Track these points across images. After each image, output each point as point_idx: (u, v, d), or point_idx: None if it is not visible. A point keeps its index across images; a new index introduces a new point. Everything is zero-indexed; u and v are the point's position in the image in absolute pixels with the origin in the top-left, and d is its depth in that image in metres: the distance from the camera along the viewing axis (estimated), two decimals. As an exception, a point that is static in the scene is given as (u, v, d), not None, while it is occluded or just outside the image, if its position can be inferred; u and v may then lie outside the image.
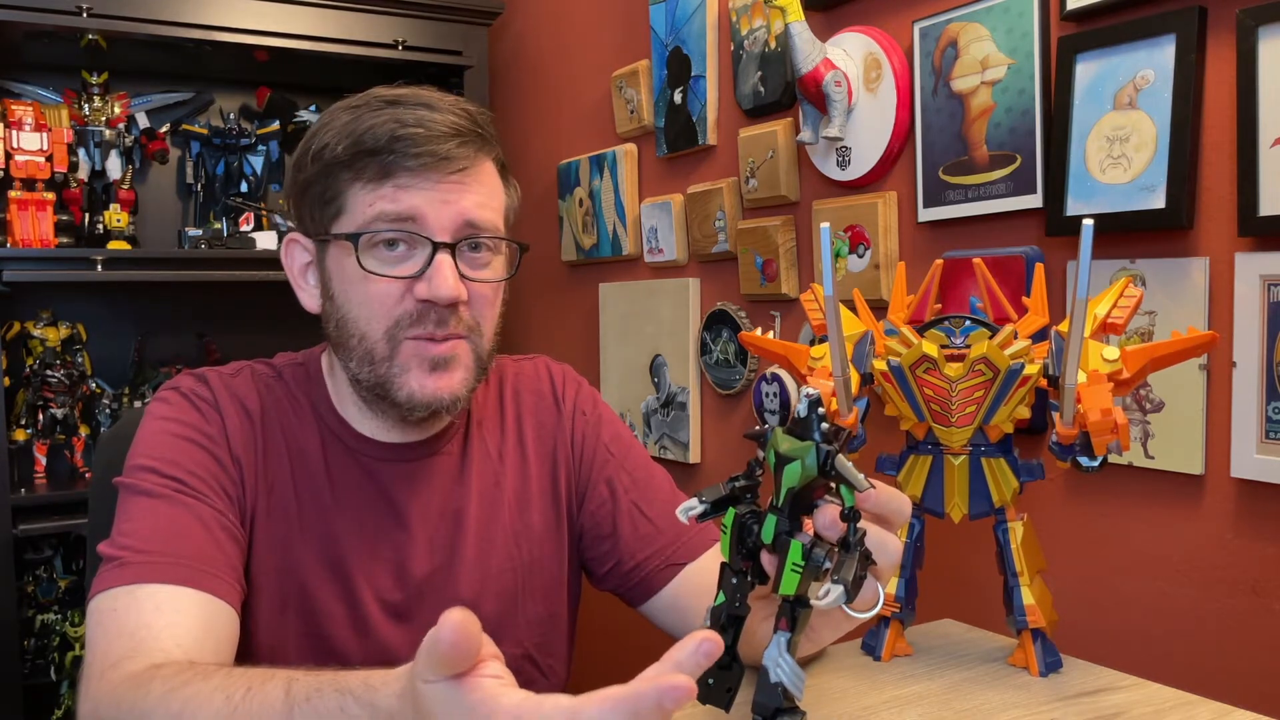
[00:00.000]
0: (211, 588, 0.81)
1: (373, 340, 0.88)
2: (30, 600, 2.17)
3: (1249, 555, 1.07)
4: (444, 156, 0.85)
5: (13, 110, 2.11)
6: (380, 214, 0.85)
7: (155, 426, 0.90)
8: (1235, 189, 1.05)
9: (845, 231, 1.51)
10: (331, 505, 0.94)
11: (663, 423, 1.97)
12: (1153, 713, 0.81)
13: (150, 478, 0.86)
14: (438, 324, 0.87)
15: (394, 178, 0.85)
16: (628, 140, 2.06)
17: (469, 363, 0.90)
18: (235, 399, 0.93)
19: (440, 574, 0.96)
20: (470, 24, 2.38)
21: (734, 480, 0.70)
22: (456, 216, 0.87)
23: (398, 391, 0.88)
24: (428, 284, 0.86)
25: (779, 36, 1.63)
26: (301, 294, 0.95)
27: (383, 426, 0.96)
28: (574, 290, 2.32)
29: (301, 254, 0.94)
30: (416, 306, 0.87)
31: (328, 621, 0.92)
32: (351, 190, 0.87)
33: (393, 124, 0.85)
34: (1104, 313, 0.87)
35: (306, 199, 0.90)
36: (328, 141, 0.88)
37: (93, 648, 0.77)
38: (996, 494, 0.91)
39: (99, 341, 2.32)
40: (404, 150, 0.85)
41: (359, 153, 0.86)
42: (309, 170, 0.89)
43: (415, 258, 0.87)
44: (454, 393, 0.89)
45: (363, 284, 0.87)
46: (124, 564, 0.80)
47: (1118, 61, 1.15)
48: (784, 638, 0.67)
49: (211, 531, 0.85)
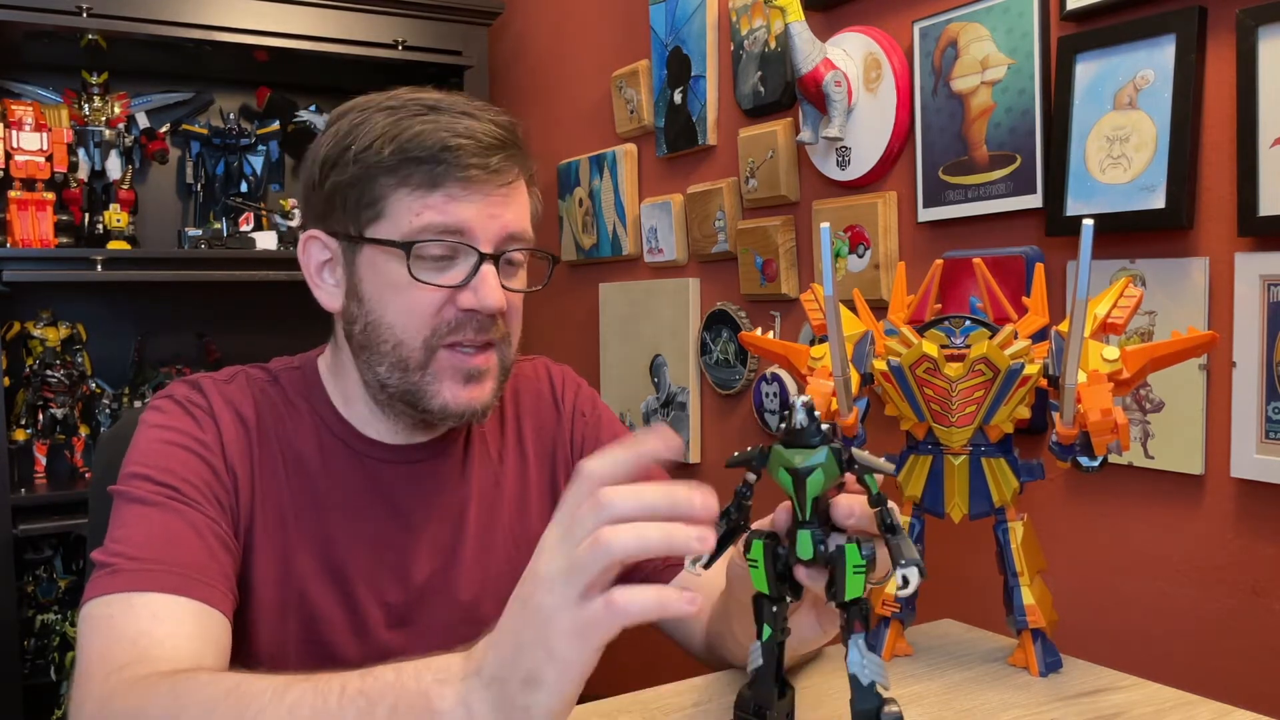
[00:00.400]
0: (205, 596, 0.81)
1: (410, 348, 0.88)
2: (30, 600, 2.17)
3: (1249, 555, 1.07)
4: (494, 170, 0.87)
5: (13, 110, 2.11)
6: (429, 224, 0.86)
7: (149, 434, 0.90)
8: (1235, 189, 1.05)
9: (845, 231, 1.50)
10: (330, 510, 0.93)
11: (663, 423, 1.97)
12: (1153, 713, 0.81)
13: (144, 485, 0.85)
14: (478, 331, 0.88)
15: (443, 188, 0.86)
16: (628, 140, 2.06)
17: (497, 373, 0.92)
18: (230, 406, 0.93)
19: (440, 576, 0.96)
20: (470, 24, 2.39)
21: (726, 514, 0.68)
22: (501, 229, 0.88)
23: (431, 400, 0.89)
24: (474, 294, 0.87)
25: (779, 36, 1.63)
26: (319, 291, 0.94)
27: (391, 429, 0.96)
28: (574, 290, 2.32)
29: (320, 251, 0.93)
30: (457, 315, 0.88)
31: (327, 628, 0.92)
32: (396, 196, 0.87)
33: (442, 133, 0.86)
34: (1104, 313, 0.87)
35: (340, 198, 0.89)
36: (369, 144, 0.87)
37: (88, 652, 0.76)
38: (996, 494, 0.91)
39: (99, 341, 2.32)
40: (454, 161, 0.85)
41: (406, 159, 0.86)
42: (349, 170, 0.88)
43: (459, 267, 0.87)
44: (485, 403, 0.91)
45: (407, 291, 0.87)
46: (117, 571, 0.80)
47: (1118, 61, 1.15)
48: (860, 639, 0.66)
49: (205, 539, 0.84)
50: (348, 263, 0.91)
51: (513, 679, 0.56)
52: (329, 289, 0.93)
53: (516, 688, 0.56)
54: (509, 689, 0.56)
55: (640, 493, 0.56)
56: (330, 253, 0.92)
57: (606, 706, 0.82)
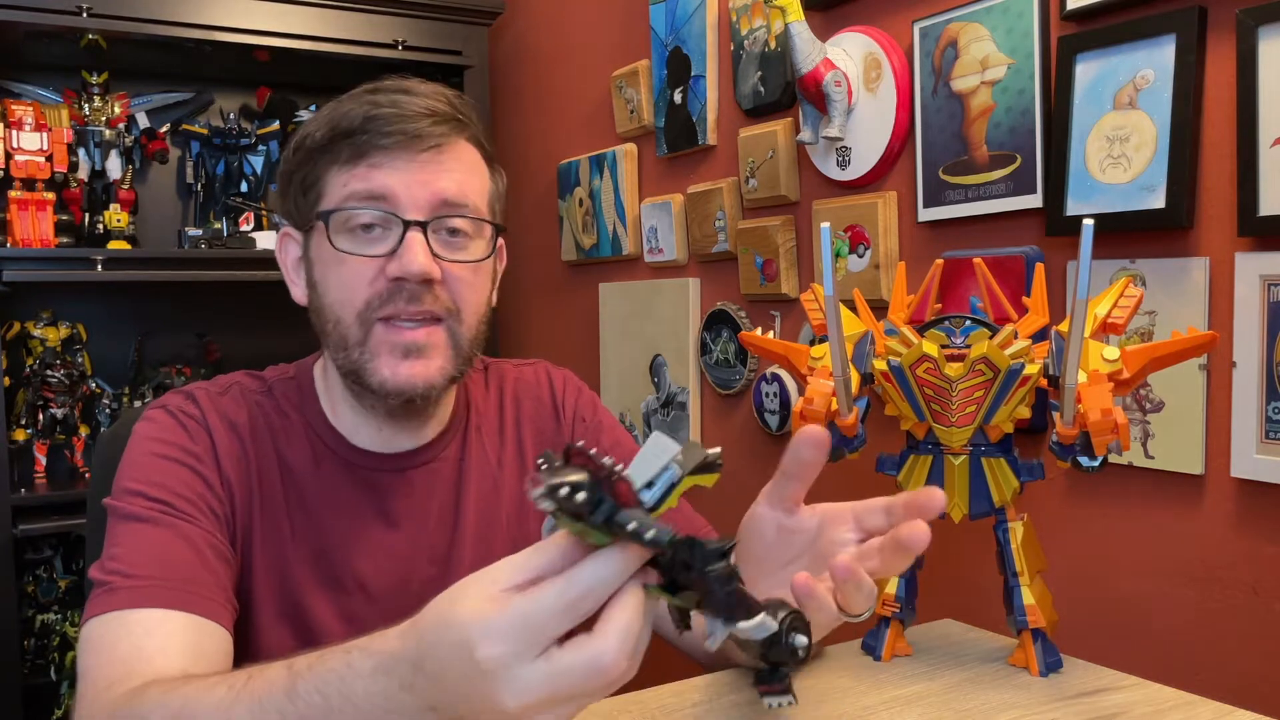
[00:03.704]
0: (201, 609, 0.80)
1: (346, 324, 0.87)
2: (30, 600, 2.17)
3: (1249, 555, 1.07)
4: (415, 134, 0.85)
5: (13, 110, 2.11)
6: (352, 193, 0.86)
7: (142, 448, 0.89)
8: (1235, 189, 1.05)
9: (845, 231, 1.50)
10: (326, 520, 0.93)
11: (663, 423, 1.97)
12: (1153, 713, 0.80)
13: (137, 501, 0.85)
14: (409, 300, 0.86)
15: (368, 157, 0.86)
16: (628, 140, 2.06)
17: (447, 351, 0.89)
18: (224, 417, 0.93)
19: (437, 584, 0.96)
20: (470, 24, 2.39)
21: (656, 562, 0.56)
22: (432, 196, 0.86)
23: (370, 377, 0.88)
24: (398, 261, 0.85)
25: (779, 36, 1.63)
26: (294, 288, 0.95)
27: (378, 434, 0.96)
28: (574, 290, 2.32)
29: (293, 248, 0.95)
30: (388, 286, 0.86)
31: (325, 637, 0.92)
32: (329, 174, 0.88)
33: (367, 106, 0.86)
34: (1104, 313, 0.87)
35: (291, 189, 0.92)
36: (309, 131, 0.89)
37: (85, 675, 0.76)
38: (997, 494, 0.91)
39: (99, 341, 2.32)
40: (376, 129, 0.85)
41: (335, 136, 0.87)
42: (292, 161, 0.91)
43: (389, 238, 0.86)
44: (429, 380, 0.88)
45: (337, 266, 0.87)
46: (113, 589, 0.79)
47: (1118, 61, 1.15)
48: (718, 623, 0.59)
49: (200, 552, 0.84)
50: (305, 251, 0.92)
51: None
52: (298, 283, 0.94)
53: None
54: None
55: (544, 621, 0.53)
56: (299, 247, 0.94)
57: (606, 706, 0.82)
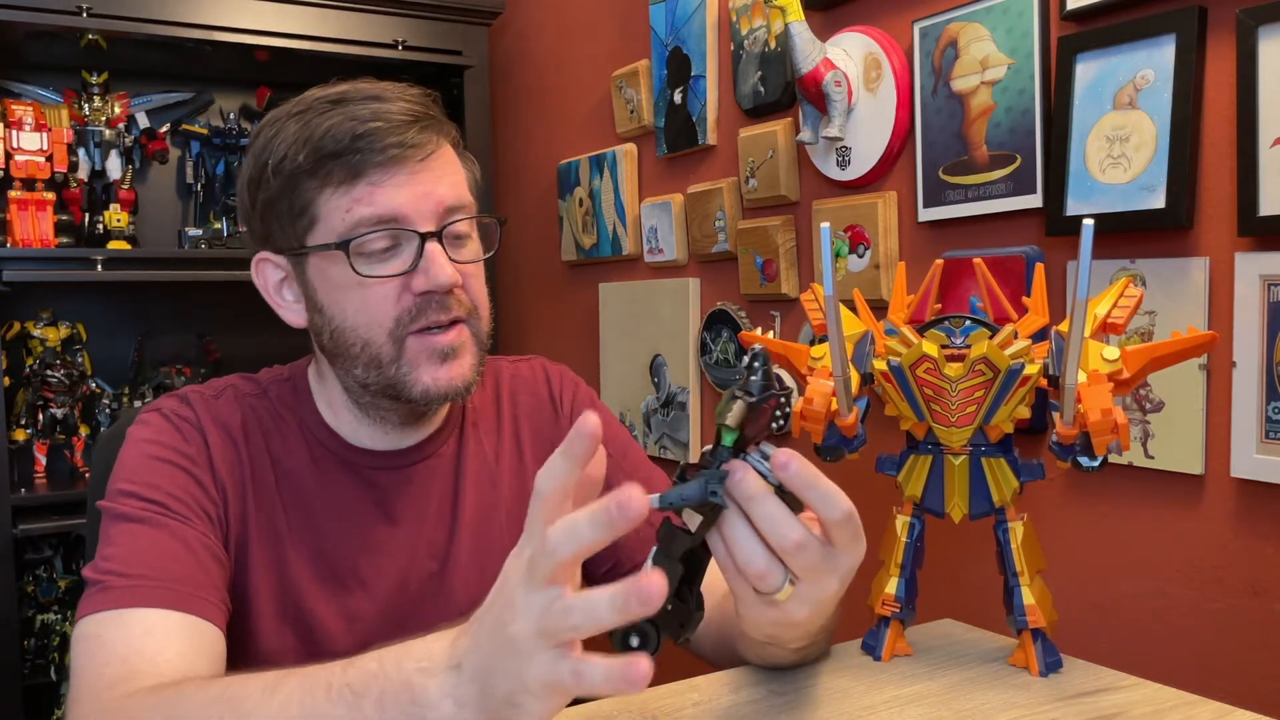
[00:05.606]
0: (196, 610, 0.80)
1: (378, 344, 0.88)
2: (30, 600, 2.17)
3: (1249, 555, 1.07)
4: (411, 145, 0.85)
5: (13, 110, 2.11)
6: (361, 219, 0.85)
7: (136, 449, 0.89)
8: (1235, 189, 1.05)
9: (845, 231, 1.50)
10: (323, 519, 0.93)
11: (663, 423, 1.97)
12: (1153, 713, 0.80)
13: (131, 502, 0.85)
14: (440, 310, 0.87)
15: (365, 176, 0.85)
16: (628, 140, 2.06)
17: (473, 347, 0.91)
18: (218, 420, 0.93)
19: (436, 580, 0.96)
20: (470, 24, 2.39)
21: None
22: (436, 205, 0.87)
23: (411, 389, 0.88)
24: (424, 276, 0.85)
25: (779, 36, 1.63)
26: (282, 311, 0.94)
27: (378, 433, 0.96)
28: (574, 290, 2.32)
29: (274, 272, 0.93)
30: (416, 301, 0.86)
31: (325, 635, 0.92)
32: (322, 198, 0.86)
33: (350, 122, 0.84)
34: (1104, 313, 0.87)
35: (272, 215, 0.89)
36: (285, 153, 0.86)
37: (80, 672, 0.76)
38: (996, 494, 0.91)
39: (99, 341, 2.32)
40: (369, 146, 0.84)
41: (321, 158, 0.84)
42: (273, 185, 0.87)
43: (403, 253, 0.86)
44: (465, 379, 0.90)
45: (359, 289, 0.86)
46: (108, 588, 0.79)
47: (1118, 61, 1.15)
48: None
49: (194, 553, 0.84)
50: (299, 276, 0.91)
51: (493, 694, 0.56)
52: (291, 307, 0.93)
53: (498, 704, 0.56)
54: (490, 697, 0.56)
55: (575, 531, 0.54)
56: (283, 270, 0.92)
57: (606, 706, 0.82)
